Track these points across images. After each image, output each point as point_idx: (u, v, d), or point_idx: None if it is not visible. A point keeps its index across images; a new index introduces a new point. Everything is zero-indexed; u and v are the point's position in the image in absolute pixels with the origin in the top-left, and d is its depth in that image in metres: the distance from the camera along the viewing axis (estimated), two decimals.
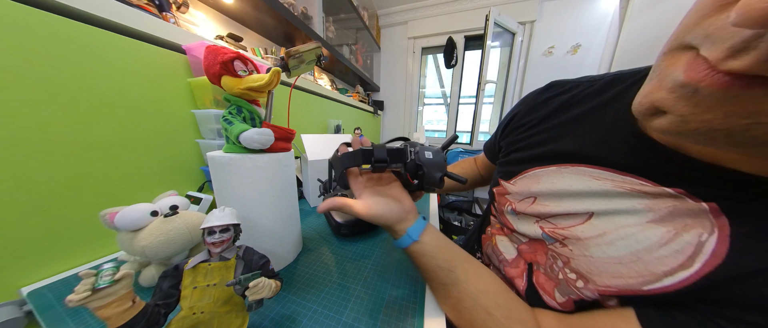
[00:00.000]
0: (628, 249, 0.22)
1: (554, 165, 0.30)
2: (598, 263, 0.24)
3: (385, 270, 0.42)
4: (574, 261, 0.26)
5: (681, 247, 0.20)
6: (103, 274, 0.19)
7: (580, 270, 0.25)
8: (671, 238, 0.20)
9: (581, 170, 0.28)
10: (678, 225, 0.20)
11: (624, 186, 0.24)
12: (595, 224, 0.25)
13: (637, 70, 0.28)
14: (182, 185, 0.58)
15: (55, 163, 0.38)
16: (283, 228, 0.41)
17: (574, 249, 0.26)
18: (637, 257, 0.21)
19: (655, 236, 0.21)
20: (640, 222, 0.22)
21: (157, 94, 0.51)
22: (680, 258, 0.20)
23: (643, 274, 0.21)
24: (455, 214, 1.76)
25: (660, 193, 0.22)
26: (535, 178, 0.32)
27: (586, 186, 0.27)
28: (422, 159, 0.31)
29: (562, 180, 0.29)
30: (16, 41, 0.34)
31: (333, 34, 1.56)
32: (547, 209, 0.30)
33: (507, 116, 0.43)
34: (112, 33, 0.44)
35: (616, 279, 0.22)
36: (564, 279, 0.26)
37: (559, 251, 0.28)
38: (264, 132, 0.34)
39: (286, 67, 0.43)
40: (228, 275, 0.26)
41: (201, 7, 0.89)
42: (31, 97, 0.36)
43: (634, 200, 0.23)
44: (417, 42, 2.31)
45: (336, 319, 0.31)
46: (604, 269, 0.23)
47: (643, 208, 0.22)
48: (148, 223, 0.34)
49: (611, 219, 0.24)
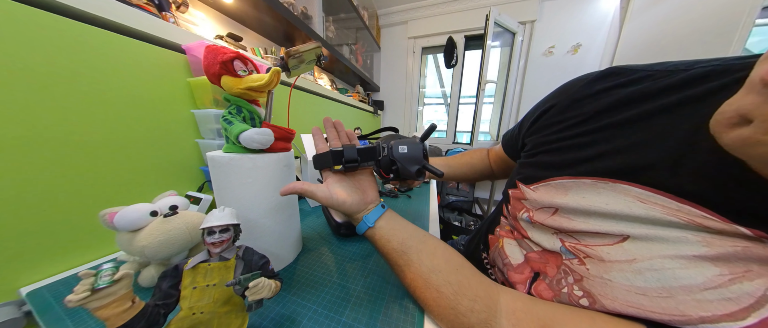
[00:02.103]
0: (659, 283, 0.18)
1: (590, 178, 0.24)
2: (617, 289, 0.20)
3: (385, 270, 0.42)
4: (587, 281, 0.22)
5: (736, 296, 0.16)
6: (103, 274, 0.19)
7: (592, 291, 0.22)
8: (723, 283, 0.17)
9: (626, 188, 0.22)
10: (738, 269, 0.17)
11: (680, 216, 0.19)
12: (628, 249, 0.21)
13: (744, 57, 0.20)
14: (182, 185, 0.58)
15: (54, 163, 0.38)
16: (283, 228, 0.41)
17: (591, 269, 0.22)
18: (670, 293, 0.18)
19: (701, 276, 0.17)
20: (685, 255, 0.18)
21: (156, 94, 0.51)
22: (731, 307, 0.16)
23: (673, 313, 0.17)
24: (455, 214, 1.76)
25: (729, 231, 0.17)
26: (561, 188, 0.27)
27: (628, 209, 0.21)
28: (396, 154, 0.32)
29: (596, 197, 0.23)
30: (16, 41, 0.34)
31: (333, 33, 1.56)
32: (571, 225, 0.25)
33: (538, 108, 0.35)
34: (111, 33, 0.44)
35: (633, 309, 0.19)
36: (568, 293, 0.24)
37: (574, 267, 0.24)
38: (264, 132, 0.34)
39: (285, 67, 0.43)
40: (228, 276, 0.26)
41: (200, 7, 0.89)
42: (30, 97, 0.35)
43: (688, 232, 0.19)
44: (417, 42, 2.31)
45: (336, 319, 0.31)
46: (622, 297, 0.20)
47: (696, 240, 0.18)
48: (147, 223, 0.34)
49: (648, 246, 0.20)
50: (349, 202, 0.33)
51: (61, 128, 0.39)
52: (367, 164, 0.33)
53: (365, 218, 0.33)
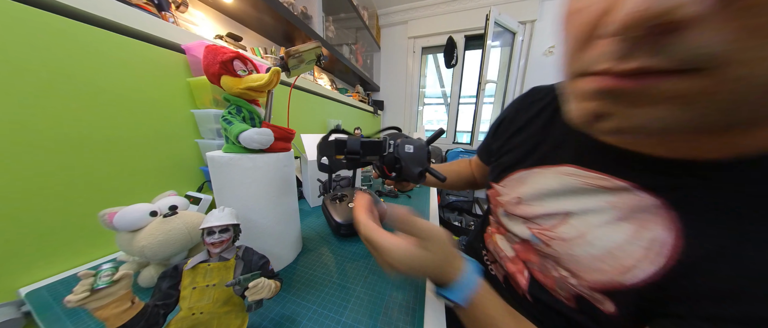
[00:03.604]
0: (604, 248, 0.23)
1: (537, 167, 0.32)
2: (583, 261, 0.25)
3: None
4: (562, 260, 0.26)
5: (646, 243, 0.21)
6: (102, 274, 0.19)
7: (571, 268, 0.26)
8: (634, 235, 0.22)
9: (558, 169, 0.30)
10: (639, 222, 0.22)
11: (588, 182, 0.26)
12: (574, 225, 0.26)
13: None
14: (181, 185, 0.58)
15: (54, 163, 0.38)
16: (283, 228, 0.41)
17: (559, 249, 0.27)
18: (611, 253, 0.23)
19: (622, 235, 0.23)
20: (609, 221, 0.24)
21: (156, 93, 0.51)
22: (648, 253, 0.21)
23: (620, 269, 0.22)
24: (455, 214, 1.76)
25: (617, 187, 0.24)
26: (520, 180, 0.34)
27: (560, 184, 0.29)
28: (401, 153, 0.31)
29: (543, 180, 0.31)
30: (14, 40, 0.34)
31: (333, 33, 1.56)
32: (532, 210, 0.31)
33: (496, 121, 0.45)
34: (110, 32, 0.44)
35: (601, 274, 0.23)
36: (559, 277, 0.27)
37: (545, 251, 0.28)
38: (263, 132, 0.34)
39: (285, 66, 0.43)
40: (227, 276, 0.25)
41: (200, 7, 0.88)
42: (28, 96, 0.35)
43: (600, 198, 0.25)
44: (417, 42, 2.31)
45: (336, 319, 0.31)
46: (590, 266, 0.24)
47: (608, 206, 0.24)
48: (147, 223, 0.34)
49: (585, 219, 0.25)
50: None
51: (60, 128, 0.39)
52: (370, 158, 0.32)
53: (459, 282, 0.25)
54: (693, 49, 0.12)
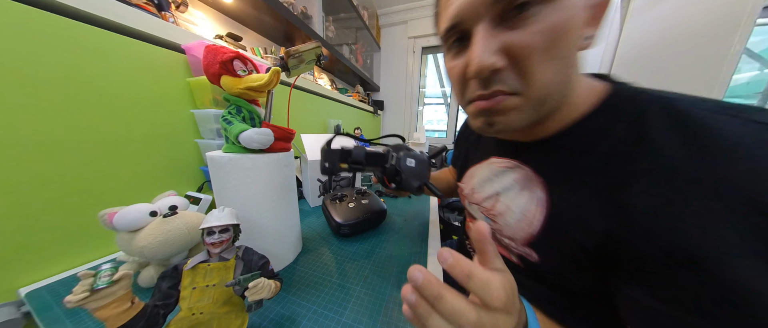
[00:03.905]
0: (520, 212, 0.31)
1: (478, 163, 0.41)
2: (514, 226, 0.31)
3: (385, 270, 0.42)
4: (504, 231, 0.33)
5: (535, 201, 0.29)
6: (102, 274, 0.19)
7: (509, 235, 0.33)
8: (530, 197, 0.30)
9: (488, 161, 0.39)
10: (529, 188, 0.30)
11: (501, 166, 0.35)
12: (502, 201, 0.33)
13: None
14: (181, 185, 0.58)
15: (53, 163, 0.38)
16: (283, 228, 0.41)
17: (500, 222, 0.34)
18: (524, 215, 0.30)
19: (525, 199, 0.30)
20: (518, 192, 0.31)
21: (156, 93, 0.51)
22: (538, 207, 0.29)
23: (529, 224, 0.30)
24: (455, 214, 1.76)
25: (513, 166, 0.33)
26: (471, 175, 0.42)
27: (489, 171, 0.37)
28: (402, 166, 0.32)
29: (481, 171, 0.39)
30: (13, 40, 0.34)
31: (333, 33, 1.56)
32: (480, 196, 0.38)
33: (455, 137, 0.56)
34: (110, 32, 0.44)
35: (523, 232, 0.30)
36: (507, 244, 0.34)
37: (494, 227, 0.35)
38: (263, 132, 0.34)
39: (285, 66, 0.43)
40: (227, 276, 0.25)
41: (200, 7, 0.88)
42: (28, 97, 0.35)
43: (509, 176, 0.33)
44: (417, 41, 2.31)
45: (336, 320, 0.31)
46: (517, 228, 0.31)
47: (514, 182, 0.32)
48: (147, 223, 0.34)
49: (507, 195, 0.33)
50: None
51: (59, 129, 0.39)
52: (372, 169, 0.33)
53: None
54: (506, 82, 0.23)
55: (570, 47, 0.23)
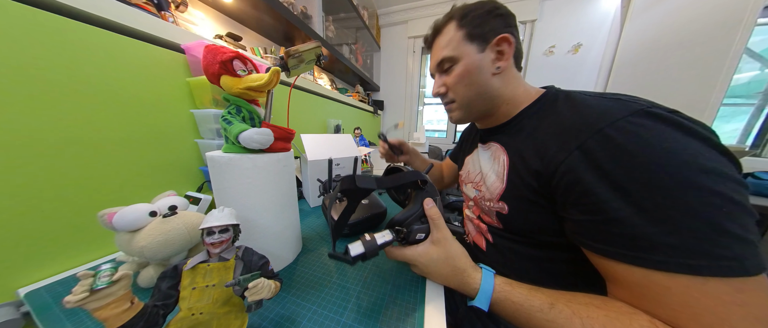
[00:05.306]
0: (493, 175, 0.44)
1: (471, 153, 0.56)
2: (491, 187, 0.44)
3: (385, 270, 0.42)
4: (486, 196, 0.45)
5: (501, 164, 0.43)
6: (101, 275, 0.19)
7: (488, 197, 0.44)
8: (498, 163, 0.44)
9: (478, 149, 0.53)
10: (497, 156, 0.44)
11: (483, 148, 0.51)
12: (485, 173, 0.47)
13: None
14: (181, 185, 0.58)
15: (53, 163, 0.38)
16: (283, 228, 0.41)
17: (483, 189, 0.47)
18: (497, 176, 0.43)
19: (497, 164, 0.44)
20: (492, 162, 0.45)
21: (155, 93, 0.51)
22: (503, 168, 0.42)
23: (499, 181, 0.42)
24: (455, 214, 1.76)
25: (488, 146, 0.48)
26: (467, 162, 0.57)
27: (476, 155, 0.52)
28: (411, 239, 0.34)
29: (472, 158, 0.54)
30: (14, 40, 0.34)
31: (333, 33, 1.56)
32: (472, 176, 0.53)
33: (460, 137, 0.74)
34: (110, 32, 0.44)
35: (496, 189, 0.42)
36: (488, 208, 0.45)
37: (479, 197, 0.48)
38: (263, 132, 0.34)
39: (285, 66, 0.43)
40: (227, 276, 0.25)
41: (200, 6, 0.88)
42: (27, 97, 0.35)
43: (486, 154, 0.49)
44: (417, 41, 2.31)
45: (335, 320, 0.31)
46: (492, 187, 0.44)
47: (490, 156, 0.47)
48: (146, 223, 0.34)
49: (486, 166, 0.47)
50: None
51: (59, 129, 0.38)
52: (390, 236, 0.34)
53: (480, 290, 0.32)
54: (448, 97, 0.48)
55: (480, 76, 0.42)
